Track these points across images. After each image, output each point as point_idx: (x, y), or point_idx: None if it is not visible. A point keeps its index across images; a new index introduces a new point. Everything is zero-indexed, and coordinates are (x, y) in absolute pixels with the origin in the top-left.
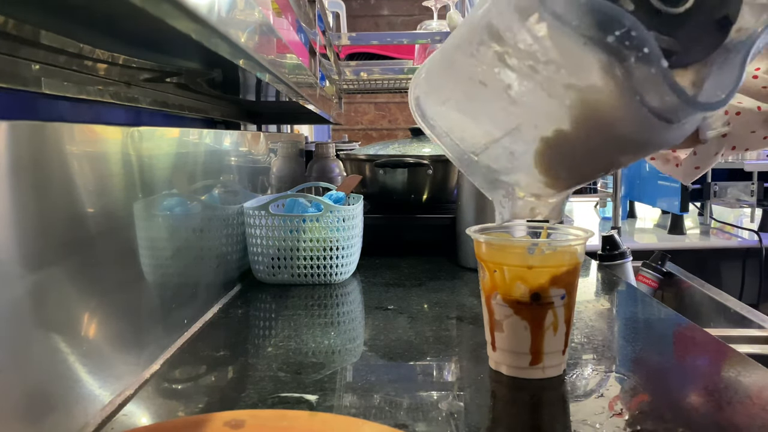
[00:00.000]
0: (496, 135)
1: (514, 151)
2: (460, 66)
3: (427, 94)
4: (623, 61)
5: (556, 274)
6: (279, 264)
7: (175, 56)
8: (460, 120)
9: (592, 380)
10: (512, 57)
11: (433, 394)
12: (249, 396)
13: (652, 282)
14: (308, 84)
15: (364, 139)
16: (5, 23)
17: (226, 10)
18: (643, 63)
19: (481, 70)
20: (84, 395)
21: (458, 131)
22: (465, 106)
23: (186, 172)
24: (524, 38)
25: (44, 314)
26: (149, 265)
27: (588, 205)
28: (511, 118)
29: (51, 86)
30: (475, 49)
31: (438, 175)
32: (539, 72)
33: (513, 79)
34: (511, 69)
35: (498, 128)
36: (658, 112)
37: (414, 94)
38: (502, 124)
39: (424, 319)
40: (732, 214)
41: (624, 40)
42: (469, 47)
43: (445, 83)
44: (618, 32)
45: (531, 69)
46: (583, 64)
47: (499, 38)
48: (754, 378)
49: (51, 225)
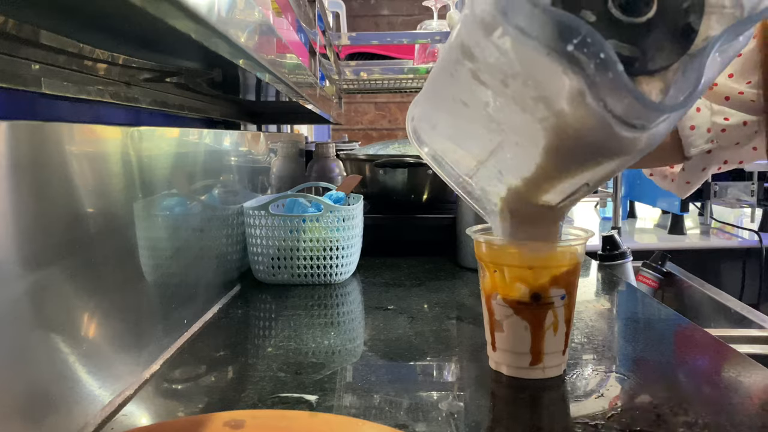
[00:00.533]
0: (483, 155)
1: (501, 170)
2: (442, 88)
3: (420, 120)
4: (584, 69)
5: (556, 274)
6: (279, 264)
7: (175, 56)
8: (451, 142)
9: (592, 380)
10: (484, 73)
11: (433, 394)
12: (249, 396)
13: (652, 282)
14: (308, 84)
15: (364, 139)
16: (5, 23)
17: (226, 10)
18: (602, 69)
19: (461, 90)
20: (84, 395)
21: (451, 154)
22: (452, 128)
23: (186, 172)
24: (492, 53)
25: (44, 314)
26: (149, 265)
27: (588, 205)
28: (494, 136)
29: (51, 86)
30: (453, 68)
31: (438, 175)
32: (509, 86)
33: (489, 96)
34: (485, 86)
35: (484, 148)
36: (622, 117)
37: (411, 122)
38: (487, 144)
39: (424, 319)
40: (732, 214)
41: (582, 47)
42: (449, 67)
43: (433, 107)
44: (576, 40)
45: (502, 83)
46: (548, 74)
47: (471, 55)
48: (754, 378)
49: (51, 225)
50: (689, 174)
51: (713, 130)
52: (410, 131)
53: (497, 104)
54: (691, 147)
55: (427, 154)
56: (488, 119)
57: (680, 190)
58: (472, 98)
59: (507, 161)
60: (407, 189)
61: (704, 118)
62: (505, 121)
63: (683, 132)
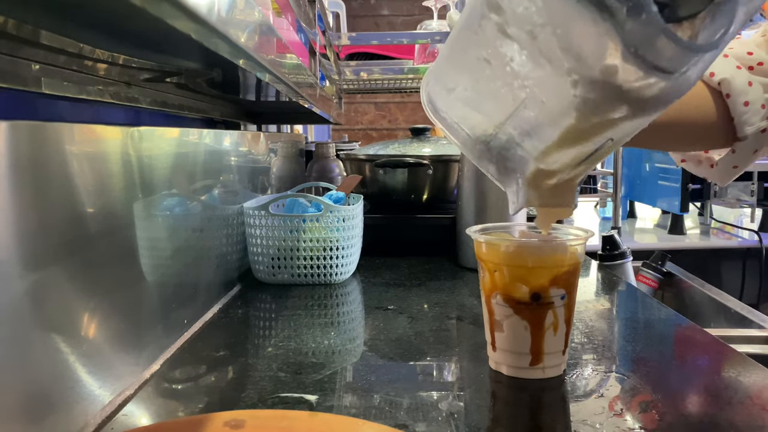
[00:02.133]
0: (504, 116)
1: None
2: (464, 47)
3: (436, 87)
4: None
5: (556, 274)
6: (279, 264)
7: (175, 56)
8: (469, 106)
9: (592, 380)
10: (511, 25)
11: (433, 394)
12: (249, 396)
13: (652, 282)
14: (308, 84)
15: (364, 139)
16: (5, 23)
17: (226, 10)
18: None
19: (484, 46)
20: (84, 395)
21: (468, 119)
22: (472, 89)
23: (186, 172)
24: (521, 2)
25: (44, 314)
26: (149, 265)
27: (588, 205)
28: (517, 93)
29: (51, 86)
30: (477, 25)
31: (438, 175)
32: (537, 37)
33: (514, 49)
34: (511, 39)
35: (505, 108)
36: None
37: (425, 91)
38: (509, 103)
39: (424, 319)
40: (732, 214)
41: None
42: (472, 25)
43: (452, 69)
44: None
45: (529, 35)
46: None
47: (497, 8)
48: (754, 378)
49: (51, 225)
50: (739, 157)
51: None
52: (425, 98)
53: (523, 58)
54: (745, 125)
55: (442, 121)
56: (512, 76)
57: (723, 177)
58: (496, 54)
59: (530, 120)
60: (407, 189)
61: (757, 93)
62: (530, 76)
63: (736, 110)
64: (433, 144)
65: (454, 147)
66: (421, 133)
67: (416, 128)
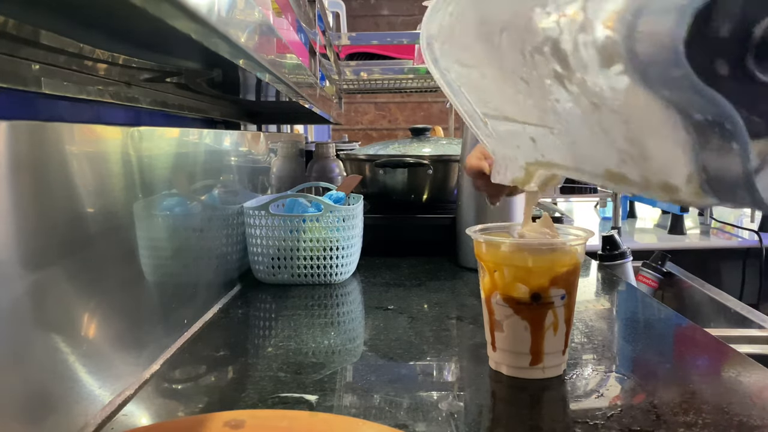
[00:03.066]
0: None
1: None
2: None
3: (447, 47)
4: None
5: (556, 274)
6: (279, 264)
7: (175, 56)
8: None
9: (592, 380)
10: (573, 85)
11: (433, 394)
12: (249, 396)
13: (652, 282)
14: (308, 84)
15: (364, 139)
16: (5, 23)
17: (226, 10)
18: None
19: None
20: (84, 395)
21: (474, 92)
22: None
23: (186, 172)
24: (597, 81)
25: (44, 314)
26: (149, 265)
27: (588, 205)
28: (548, 120)
29: (51, 86)
30: (528, 52)
31: (438, 175)
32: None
33: (565, 98)
34: (567, 92)
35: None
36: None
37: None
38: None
39: (424, 319)
40: (732, 214)
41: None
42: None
43: (476, 52)
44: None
45: (592, 105)
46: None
47: (564, 62)
48: (754, 378)
49: (51, 225)
50: None
51: None
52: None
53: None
54: None
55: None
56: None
57: None
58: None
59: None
60: (407, 189)
61: None
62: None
63: None
64: (433, 144)
65: (455, 147)
66: (421, 133)
67: (416, 128)
